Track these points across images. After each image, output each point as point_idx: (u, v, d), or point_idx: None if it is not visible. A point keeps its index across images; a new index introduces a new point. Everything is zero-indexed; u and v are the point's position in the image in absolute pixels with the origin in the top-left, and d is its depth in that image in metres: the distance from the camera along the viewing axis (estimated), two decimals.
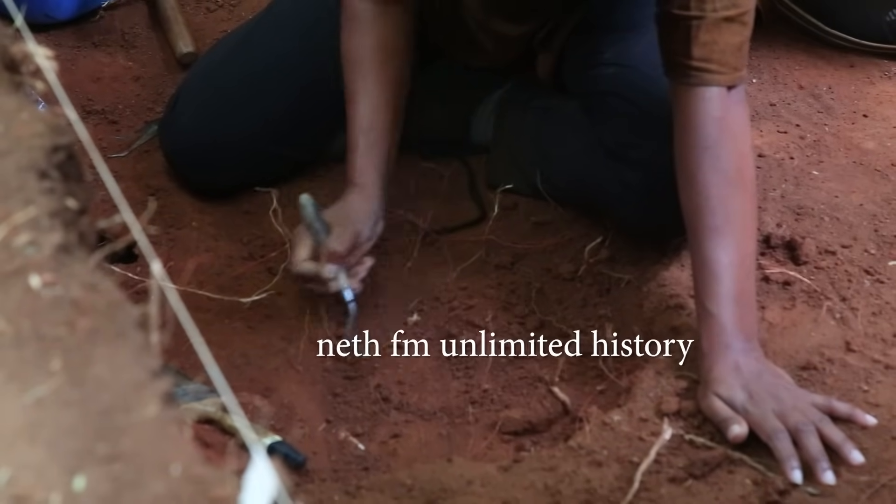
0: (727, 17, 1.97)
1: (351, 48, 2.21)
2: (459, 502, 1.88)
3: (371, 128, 2.19)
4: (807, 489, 1.85)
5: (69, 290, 1.07)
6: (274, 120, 2.32)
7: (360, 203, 2.16)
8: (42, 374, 1.02)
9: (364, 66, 2.20)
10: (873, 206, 2.28)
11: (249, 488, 0.92)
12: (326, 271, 2.09)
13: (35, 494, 0.94)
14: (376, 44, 2.21)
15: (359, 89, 2.20)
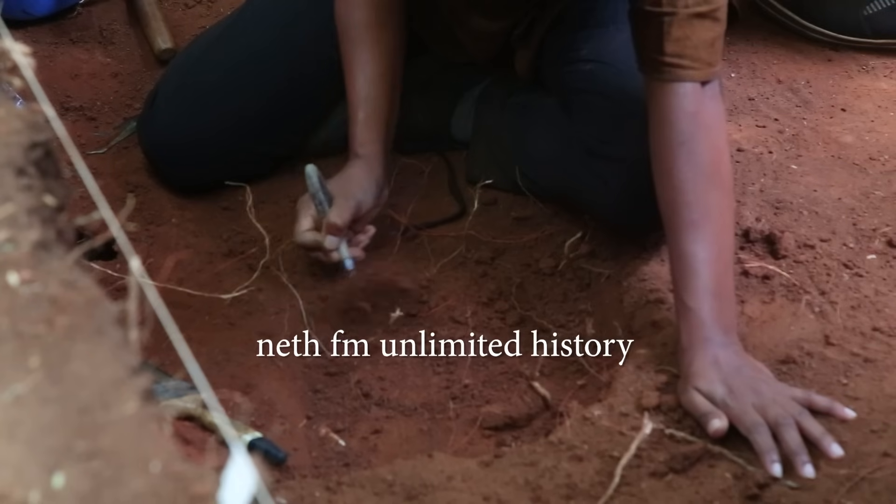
0: (699, 13, 1.98)
1: (344, 18, 2.23)
2: (440, 498, 1.88)
3: (369, 98, 2.20)
4: (786, 482, 1.85)
5: (47, 287, 1.07)
6: (253, 116, 2.32)
7: (362, 173, 2.18)
8: (20, 371, 1.01)
9: (360, 38, 2.21)
10: (852, 199, 2.29)
11: (229, 485, 0.92)
12: (328, 242, 2.12)
13: (14, 492, 0.94)
14: (371, 15, 2.22)
15: (356, 60, 2.21)
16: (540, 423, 2.06)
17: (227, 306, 2.20)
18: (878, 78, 2.53)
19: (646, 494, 1.86)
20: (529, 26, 2.31)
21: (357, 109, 2.20)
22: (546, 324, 2.20)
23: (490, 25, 2.28)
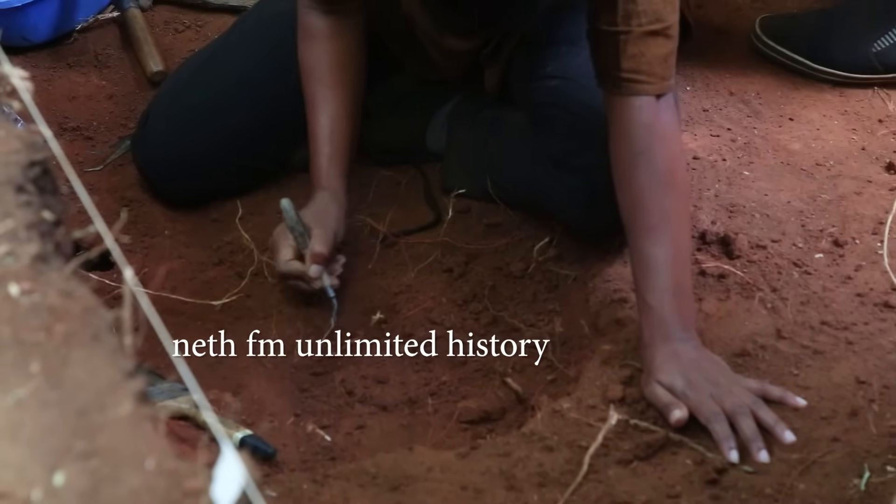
0: (652, 31, 1.99)
1: (309, 63, 2.22)
2: (420, 488, 1.88)
3: (333, 136, 2.20)
4: (743, 468, 1.86)
5: (46, 297, 1.07)
6: (240, 133, 2.31)
7: (333, 206, 2.18)
8: (22, 376, 1.01)
9: (324, 79, 2.21)
10: (800, 202, 2.29)
11: (220, 480, 0.91)
12: (313, 271, 2.11)
13: (17, 491, 0.94)
14: (334, 57, 2.22)
15: (319, 100, 2.21)
16: (513, 417, 2.06)
17: (218, 312, 2.19)
18: (823, 89, 2.53)
19: (612, 481, 1.86)
20: (498, 46, 2.31)
21: (323, 145, 2.20)
22: (517, 323, 2.20)
23: (461, 45, 2.28)
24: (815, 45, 2.53)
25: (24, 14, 2.61)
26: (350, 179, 2.24)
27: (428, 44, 2.32)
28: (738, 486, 1.84)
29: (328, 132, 2.20)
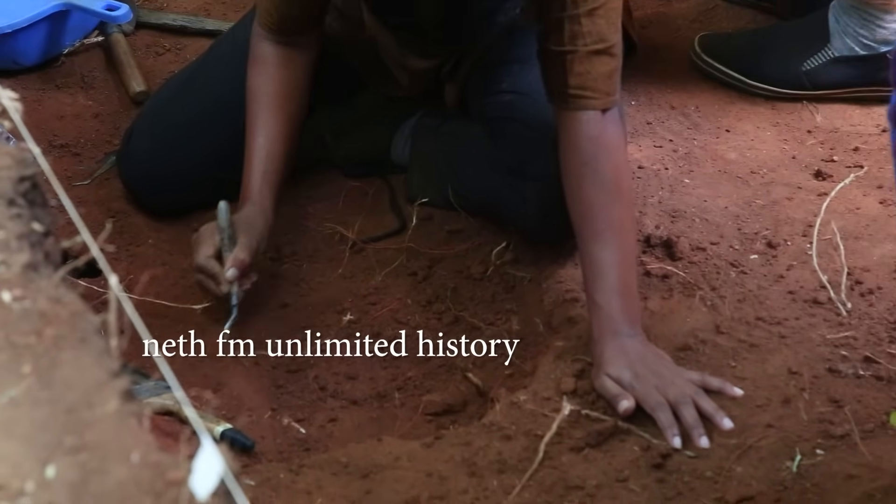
0: (597, 51, 2.00)
1: (255, 87, 2.22)
2: (389, 476, 1.88)
3: (268, 157, 2.19)
4: (686, 453, 1.87)
5: (37, 302, 1.06)
6: (216, 149, 2.31)
7: (260, 221, 2.15)
8: (14, 377, 1.01)
9: (266, 104, 2.21)
10: (736, 208, 2.30)
11: (199, 471, 0.91)
12: (230, 274, 2.08)
13: (11, 483, 0.93)
14: (279, 84, 2.22)
15: (260, 122, 2.20)
16: (474, 409, 2.06)
17: (198, 315, 2.18)
18: (756, 103, 2.54)
19: (566, 467, 1.87)
20: (456, 64, 2.32)
21: (258, 163, 2.18)
22: (477, 322, 2.20)
23: (422, 64, 2.29)
24: (750, 62, 2.54)
25: (14, 39, 2.59)
26: (280, 196, 2.22)
27: (391, 64, 2.33)
28: (681, 469, 1.85)
29: (264, 153, 2.19)
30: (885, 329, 2.06)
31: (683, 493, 1.83)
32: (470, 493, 1.84)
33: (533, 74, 2.13)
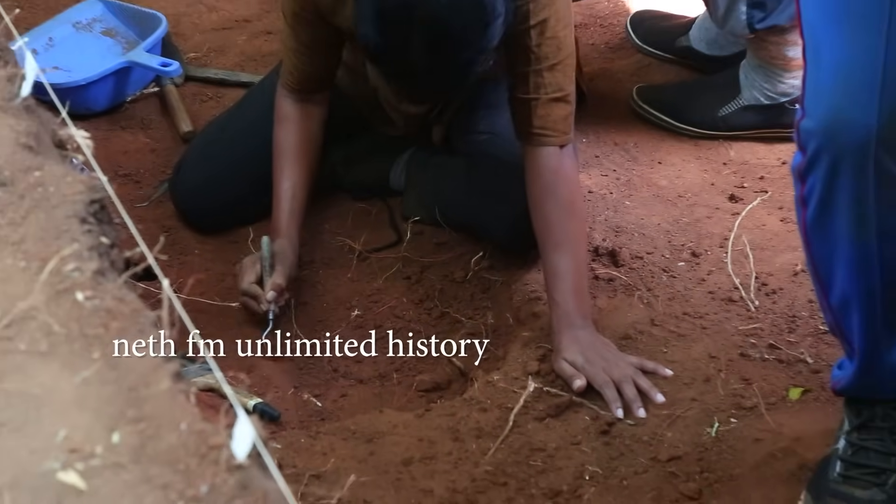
0: (555, 98, 2.00)
1: (280, 141, 2.21)
2: (388, 440, 1.88)
3: (293, 199, 2.18)
4: (627, 421, 1.87)
5: (104, 301, 1.06)
6: (250, 178, 2.29)
7: (290, 251, 2.15)
8: (86, 361, 1.00)
9: (289, 156, 2.20)
10: (667, 224, 2.31)
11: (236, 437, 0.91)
12: (270, 296, 2.08)
13: (85, 447, 0.93)
14: (300, 138, 2.21)
15: (285, 170, 2.20)
16: (457, 386, 2.07)
17: (235, 312, 2.18)
18: (683, 141, 2.53)
19: (531, 433, 1.87)
20: (442, 110, 2.32)
21: (284, 204, 2.17)
22: (459, 317, 2.19)
23: (414, 110, 2.29)
24: (677, 108, 2.55)
25: (87, 90, 2.59)
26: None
27: (389, 109, 2.33)
28: (623, 434, 1.86)
29: (290, 195, 2.18)
30: (785, 322, 2.07)
31: (625, 453, 1.83)
32: (454, 455, 1.84)
33: (504, 118, 2.13)
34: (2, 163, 1.22)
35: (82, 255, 1.11)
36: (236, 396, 2.01)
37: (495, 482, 1.80)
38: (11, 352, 1.01)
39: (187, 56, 2.81)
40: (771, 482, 1.76)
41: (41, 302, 1.05)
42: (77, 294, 1.07)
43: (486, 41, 1.80)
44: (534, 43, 1.97)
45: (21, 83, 1.37)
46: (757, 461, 1.80)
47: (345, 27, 2.07)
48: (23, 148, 1.26)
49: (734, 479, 1.78)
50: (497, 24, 1.80)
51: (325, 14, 2.06)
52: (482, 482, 1.79)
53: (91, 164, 1.34)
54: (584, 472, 1.80)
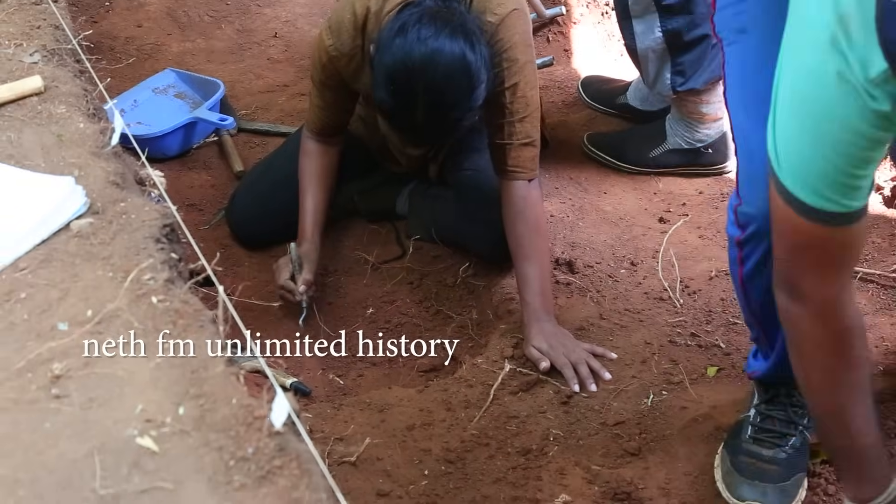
0: (524, 143, 2.00)
1: (304, 169, 2.21)
2: (395, 411, 1.87)
3: (315, 212, 2.18)
4: (582, 394, 1.87)
5: (173, 303, 1.05)
6: (287, 208, 2.26)
7: (314, 253, 2.14)
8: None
9: (311, 180, 2.20)
10: (611, 240, 2.30)
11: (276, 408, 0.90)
12: (302, 289, 2.07)
13: (157, 417, 0.92)
14: (319, 168, 2.20)
15: (309, 191, 2.19)
16: (450, 368, 2.05)
17: (276, 310, 2.16)
18: (623, 176, 2.52)
19: (507, 404, 1.86)
20: (437, 152, 2.31)
21: (309, 216, 2.17)
22: (451, 314, 2.18)
23: (415, 152, 2.28)
24: (619, 151, 2.54)
25: (162, 139, 2.58)
26: (325, 237, 2.20)
27: (395, 151, 2.32)
28: (579, 405, 1.85)
29: (312, 209, 2.18)
30: (703, 316, 2.06)
31: (581, 419, 1.83)
32: (447, 422, 1.84)
33: (484, 158, 2.13)
34: (95, 196, 1.22)
35: (156, 267, 1.11)
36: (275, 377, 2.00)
37: (479, 443, 1.79)
38: (101, 343, 1.01)
39: (240, 113, 2.80)
40: (694, 441, 1.76)
41: (124, 304, 1.05)
42: (152, 298, 1.06)
43: (473, 102, 1.81)
44: (508, 101, 1.97)
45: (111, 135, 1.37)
46: (683, 424, 1.79)
47: (363, 90, 2.06)
48: (111, 185, 1.26)
49: (665, 438, 1.78)
50: (481, 88, 1.81)
51: (347, 80, 2.06)
52: (469, 443, 1.79)
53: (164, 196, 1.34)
54: (549, 435, 1.79)
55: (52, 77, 1.49)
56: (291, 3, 3.23)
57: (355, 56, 2.00)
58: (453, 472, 1.74)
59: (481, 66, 1.80)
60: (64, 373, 0.96)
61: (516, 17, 1.94)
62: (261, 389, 0.97)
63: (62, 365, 0.97)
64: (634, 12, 2.31)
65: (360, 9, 1.97)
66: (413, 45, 1.75)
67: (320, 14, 3.13)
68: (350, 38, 1.99)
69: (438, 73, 1.75)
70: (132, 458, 0.87)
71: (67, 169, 1.27)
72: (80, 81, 1.53)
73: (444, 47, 1.75)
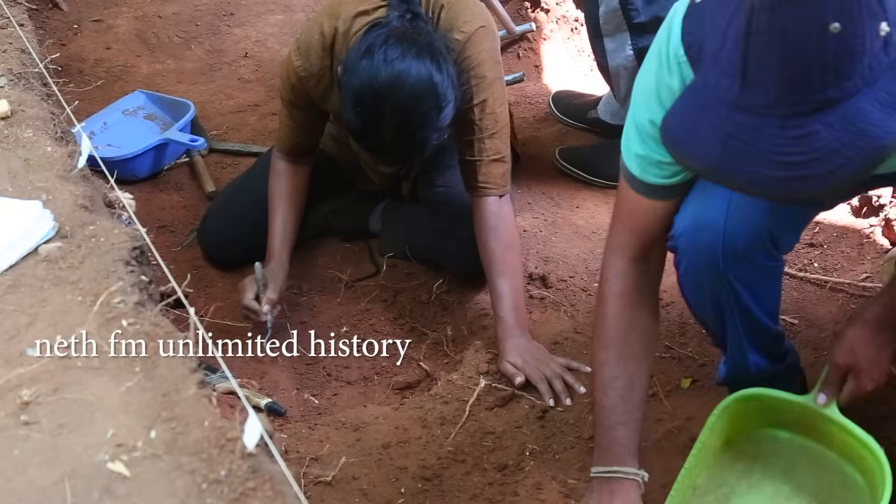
0: (494, 159, 2.01)
1: (273, 189, 2.20)
2: (371, 429, 1.87)
3: (284, 231, 2.17)
4: (557, 409, 1.87)
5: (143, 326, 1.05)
6: (259, 227, 2.25)
7: (280, 272, 2.13)
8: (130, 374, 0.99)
9: (280, 199, 2.19)
10: (585, 255, 2.31)
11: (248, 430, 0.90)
12: (265, 310, 2.06)
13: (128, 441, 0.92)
14: (289, 187, 2.19)
15: (278, 211, 2.18)
16: (425, 385, 2.05)
17: (247, 331, 2.13)
18: (594, 190, 2.53)
19: (483, 420, 1.86)
20: (409, 170, 2.32)
21: (278, 235, 2.16)
22: (426, 330, 2.18)
23: (387, 170, 2.29)
24: (590, 165, 2.56)
25: (133, 161, 2.58)
26: (293, 254, 2.19)
27: (368, 170, 2.33)
28: (555, 419, 1.86)
29: (280, 229, 2.17)
30: (677, 328, 2.07)
31: (556, 434, 1.83)
32: (423, 439, 1.83)
33: (455, 175, 2.14)
34: (63, 220, 1.21)
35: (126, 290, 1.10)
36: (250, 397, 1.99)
37: (456, 459, 1.79)
38: (71, 368, 1.00)
39: (211, 133, 2.80)
40: (669, 452, 1.76)
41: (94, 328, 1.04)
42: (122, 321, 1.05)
43: (441, 121, 1.82)
44: (477, 118, 1.98)
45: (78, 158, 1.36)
46: (658, 436, 1.80)
47: (332, 110, 2.07)
48: (80, 208, 1.26)
49: (641, 450, 1.78)
50: (449, 108, 1.82)
51: (316, 101, 2.06)
52: (446, 460, 1.78)
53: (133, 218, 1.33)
54: (525, 449, 1.79)
55: (19, 101, 1.48)
56: (261, 23, 3.24)
57: (324, 76, 2.01)
58: (430, 489, 1.74)
59: (448, 85, 1.81)
60: (33, 399, 0.96)
61: (483, 34, 1.95)
62: (234, 411, 0.96)
63: (31, 391, 0.96)
64: (606, 31, 2.33)
65: (328, 29, 1.97)
66: (379, 66, 1.76)
67: (290, 34, 3.14)
68: (318, 58, 1.99)
69: (405, 94, 1.76)
70: (103, 484, 0.86)
71: (35, 193, 1.27)
72: (47, 105, 1.53)
73: (411, 68, 1.76)
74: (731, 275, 1.47)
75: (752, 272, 1.47)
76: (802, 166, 1.02)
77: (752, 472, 1.52)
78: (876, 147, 1.01)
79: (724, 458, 1.56)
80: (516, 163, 2.25)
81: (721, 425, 1.55)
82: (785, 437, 1.53)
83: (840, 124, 1.01)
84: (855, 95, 1.01)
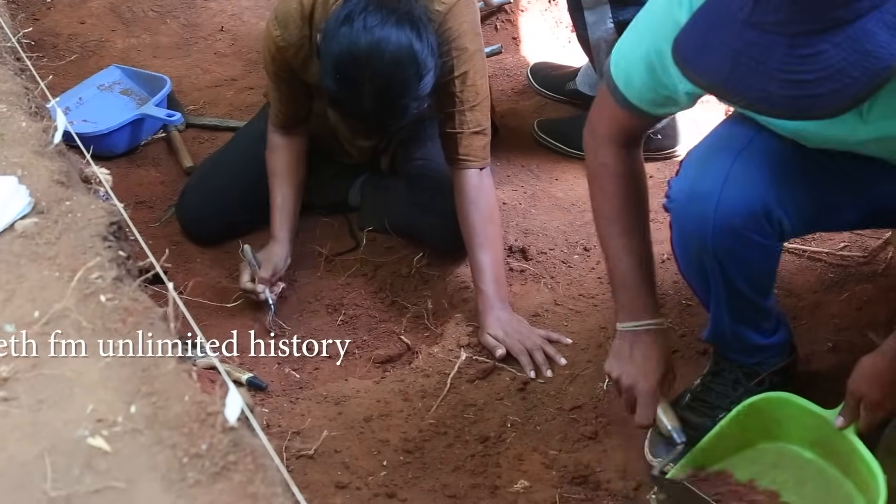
0: (475, 132, 2.00)
1: (272, 165, 2.19)
2: (353, 402, 1.87)
3: (283, 208, 2.16)
4: (538, 380, 1.88)
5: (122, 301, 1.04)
6: (235, 201, 2.26)
7: (279, 250, 2.13)
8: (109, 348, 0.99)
9: (280, 176, 2.18)
10: (564, 226, 2.32)
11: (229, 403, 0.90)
12: (259, 289, 2.06)
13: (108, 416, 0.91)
14: (286, 162, 2.19)
15: (277, 187, 2.18)
16: (406, 358, 2.06)
17: (229, 309, 2.14)
18: (573, 162, 2.53)
19: (464, 392, 1.87)
20: (388, 143, 2.31)
21: (277, 213, 2.16)
22: (406, 304, 2.18)
23: (366, 143, 2.27)
24: (569, 137, 2.55)
25: (109, 137, 2.55)
26: (295, 232, 2.19)
27: (346, 143, 2.31)
28: (536, 390, 1.87)
29: (280, 206, 2.16)
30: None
31: (537, 405, 1.84)
32: (404, 412, 1.84)
33: (435, 147, 2.13)
34: (39, 195, 1.20)
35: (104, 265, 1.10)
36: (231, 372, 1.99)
37: (437, 432, 1.80)
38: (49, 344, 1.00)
39: (188, 108, 2.77)
40: None
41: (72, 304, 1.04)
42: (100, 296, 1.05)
43: (421, 90, 1.80)
44: (457, 90, 1.97)
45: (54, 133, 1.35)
46: None
47: (311, 81, 2.05)
48: (56, 183, 1.24)
49: (622, 421, 1.80)
50: (428, 76, 1.81)
51: (296, 71, 2.05)
52: (427, 432, 1.79)
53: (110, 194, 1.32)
54: (506, 421, 1.81)
55: None
56: None
57: (303, 46, 1.99)
58: (412, 461, 1.74)
59: (428, 54, 1.80)
60: (12, 375, 0.95)
61: (464, 5, 1.94)
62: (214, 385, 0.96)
63: (9, 367, 0.96)
64: (586, 3, 2.32)
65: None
66: (359, 33, 1.75)
67: (266, 6, 3.10)
68: (297, 28, 1.98)
69: (385, 61, 1.75)
70: (84, 459, 0.86)
71: (10, 169, 1.25)
72: (21, 80, 1.51)
73: (391, 36, 1.75)
74: (718, 246, 1.48)
75: (742, 246, 1.47)
76: (810, 85, 1.04)
77: (763, 477, 1.53)
78: (881, 68, 1.03)
79: (745, 454, 1.57)
80: (495, 135, 2.24)
81: (745, 421, 1.56)
82: (808, 457, 1.55)
83: (847, 44, 1.03)
84: (863, 16, 1.03)
